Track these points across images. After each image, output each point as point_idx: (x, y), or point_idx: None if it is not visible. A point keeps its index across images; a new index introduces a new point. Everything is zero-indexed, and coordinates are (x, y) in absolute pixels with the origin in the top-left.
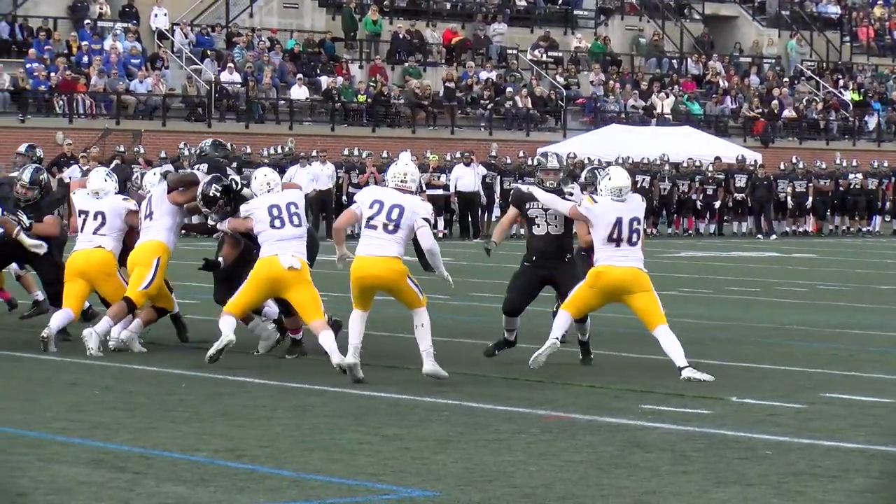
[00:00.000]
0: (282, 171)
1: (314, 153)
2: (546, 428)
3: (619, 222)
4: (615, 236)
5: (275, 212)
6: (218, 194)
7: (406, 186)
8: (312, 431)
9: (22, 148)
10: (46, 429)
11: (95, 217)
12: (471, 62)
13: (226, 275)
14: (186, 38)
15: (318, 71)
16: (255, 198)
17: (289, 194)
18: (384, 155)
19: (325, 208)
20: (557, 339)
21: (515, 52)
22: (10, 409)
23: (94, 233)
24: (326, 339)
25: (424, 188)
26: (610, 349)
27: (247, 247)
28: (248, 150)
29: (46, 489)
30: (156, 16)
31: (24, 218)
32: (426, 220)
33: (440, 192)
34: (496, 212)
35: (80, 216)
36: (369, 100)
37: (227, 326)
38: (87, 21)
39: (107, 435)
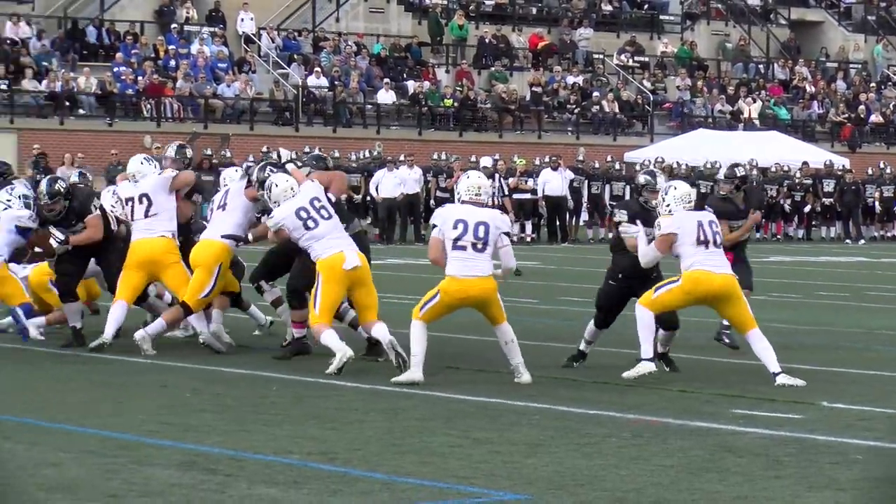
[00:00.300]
0: (369, 175)
1: (401, 157)
2: (637, 432)
3: (699, 225)
4: (702, 238)
5: (303, 214)
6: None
7: (480, 199)
8: (404, 434)
9: (170, 151)
10: (138, 431)
11: (141, 201)
12: (557, 66)
13: (274, 261)
14: (273, 42)
15: (405, 75)
16: (279, 206)
17: (307, 191)
18: (472, 159)
19: (412, 212)
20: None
21: (601, 56)
22: (101, 412)
23: (146, 217)
24: (380, 331)
25: (507, 192)
26: (700, 354)
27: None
28: (336, 155)
29: (139, 491)
30: (242, 20)
31: (57, 233)
32: (507, 234)
33: (527, 196)
34: (583, 216)
35: (127, 205)
36: (456, 104)
37: (335, 339)
38: (173, 25)
39: (198, 437)
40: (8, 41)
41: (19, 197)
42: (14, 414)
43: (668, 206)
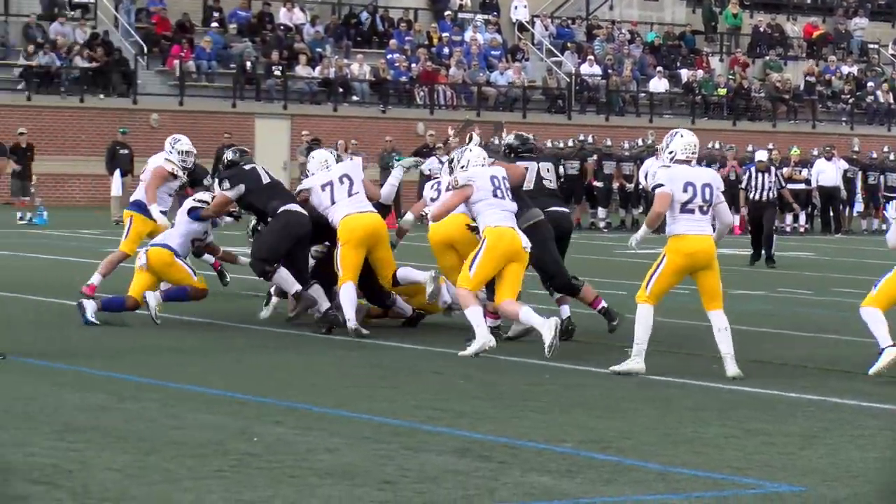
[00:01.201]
0: (640, 164)
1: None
2: None
3: None
4: None
5: (495, 182)
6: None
7: (694, 157)
8: (677, 424)
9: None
10: (412, 417)
11: (342, 181)
12: (832, 56)
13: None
14: (546, 29)
15: (678, 64)
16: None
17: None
18: (749, 149)
19: None
20: None
21: (876, 46)
22: (376, 398)
23: (350, 196)
24: (528, 315)
25: (783, 184)
26: None
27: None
28: (609, 143)
29: (414, 477)
30: (516, 7)
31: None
32: (722, 192)
33: (801, 186)
34: (857, 207)
35: (324, 190)
36: (729, 93)
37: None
38: (447, 12)
39: (472, 424)
40: (282, 27)
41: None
42: (287, 399)
43: None
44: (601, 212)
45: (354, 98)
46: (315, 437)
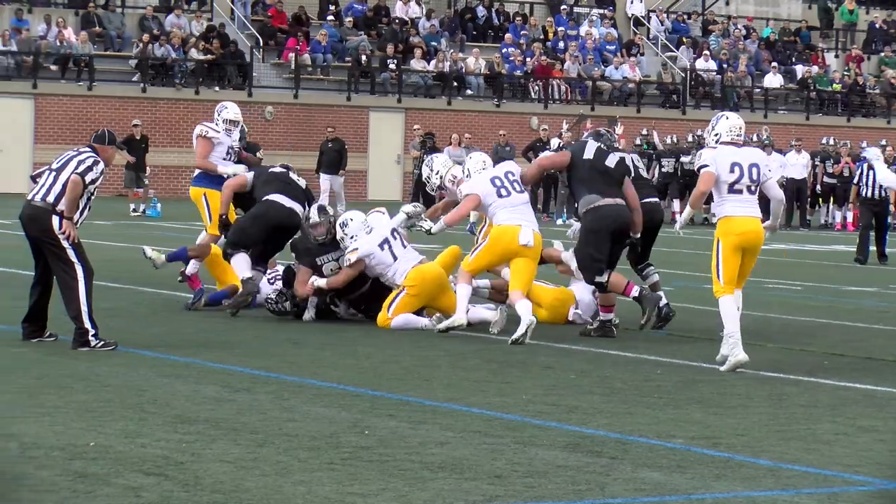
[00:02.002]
0: None
1: (792, 142)
2: None
3: None
4: None
5: (497, 182)
6: None
7: (740, 140)
8: (789, 421)
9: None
10: (523, 412)
11: (394, 236)
12: None
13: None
14: (662, 25)
15: (794, 59)
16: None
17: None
18: (862, 144)
19: (799, 196)
20: None
21: None
22: (487, 392)
23: (405, 248)
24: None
25: None
26: None
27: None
28: None
29: (523, 471)
30: (632, 2)
31: None
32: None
33: None
34: None
35: (382, 249)
36: (844, 89)
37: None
38: (563, 7)
39: (583, 419)
40: (397, 21)
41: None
42: (400, 392)
43: None
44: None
45: (469, 92)
46: (427, 431)
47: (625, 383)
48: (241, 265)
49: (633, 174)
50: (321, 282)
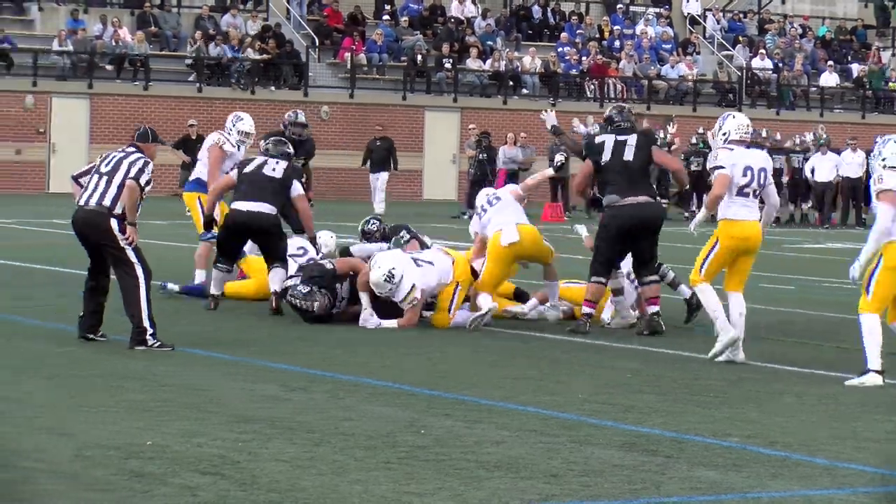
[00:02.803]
0: (805, 159)
1: (848, 141)
2: None
3: None
4: None
5: (479, 211)
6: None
7: (748, 137)
8: (844, 420)
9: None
10: (579, 411)
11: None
12: None
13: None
14: (718, 23)
15: (849, 58)
16: None
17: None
18: None
19: (855, 195)
20: None
21: None
22: (542, 391)
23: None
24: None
25: None
26: None
27: None
28: (778, 137)
29: (579, 470)
30: (688, 1)
31: None
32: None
33: None
34: None
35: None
36: None
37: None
38: (619, 6)
39: (638, 418)
40: (453, 20)
41: None
42: (455, 392)
43: None
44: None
45: (524, 91)
46: (483, 430)
47: (676, 382)
48: (216, 280)
49: (650, 153)
50: (391, 323)
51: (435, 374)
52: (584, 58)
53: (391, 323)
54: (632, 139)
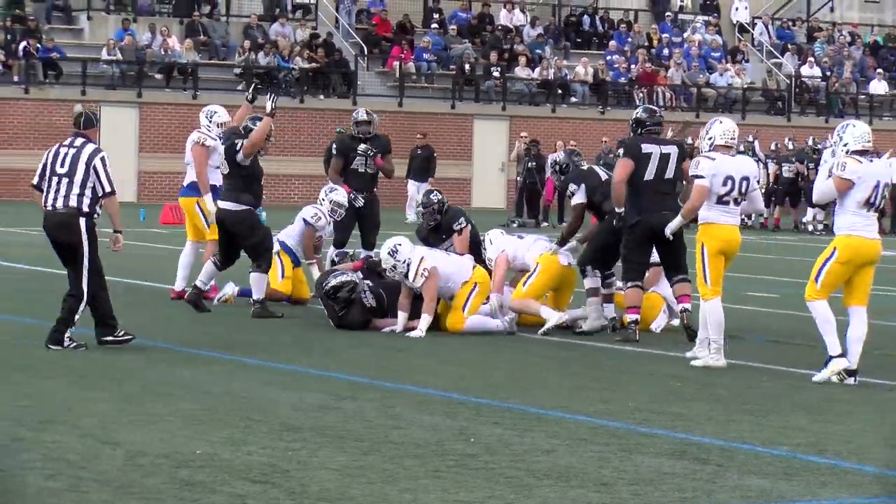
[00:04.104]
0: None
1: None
2: None
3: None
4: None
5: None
6: None
7: (734, 143)
8: (894, 428)
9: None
10: (629, 419)
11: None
12: None
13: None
14: (767, 31)
15: None
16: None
17: None
18: None
19: None
20: None
21: None
22: (592, 399)
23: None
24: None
25: None
26: None
27: None
28: (828, 145)
29: (629, 479)
30: (736, 9)
31: None
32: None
33: None
34: None
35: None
36: None
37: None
38: (667, 13)
39: (689, 426)
40: (501, 28)
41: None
42: (505, 400)
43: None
44: (818, 213)
45: (573, 99)
46: (533, 438)
47: (728, 390)
48: (207, 274)
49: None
50: (418, 333)
51: (484, 382)
52: (632, 66)
53: (418, 333)
54: (673, 152)
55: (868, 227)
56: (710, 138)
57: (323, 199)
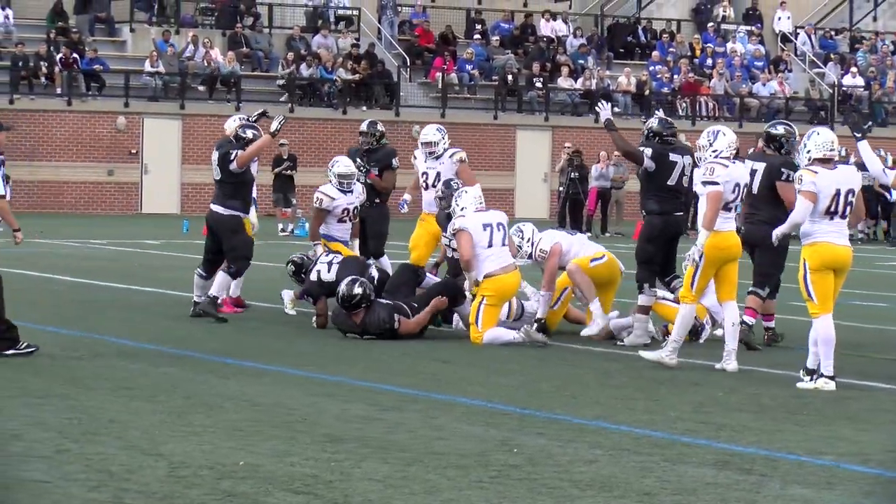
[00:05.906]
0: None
1: None
2: None
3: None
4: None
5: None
6: None
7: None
8: None
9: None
10: (671, 429)
11: (498, 228)
12: None
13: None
14: (810, 41)
15: None
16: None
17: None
18: None
19: None
20: None
21: None
22: (635, 410)
23: (503, 246)
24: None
25: None
26: None
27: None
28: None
29: (672, 489)
30: (779, 19)
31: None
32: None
33: None
34: None
35: (484, 230)
36: None
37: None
38: (710, 24)
39: (732, 436)
40: (544, 39)
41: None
42: (548, 410)
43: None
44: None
45: (616, 109)
46: (575, 449)
47: (773, 400)
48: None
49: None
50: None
51: (527, 393)
52: (675, 76)
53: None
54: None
55: (833, 234)
56: (714, 151)
57: (330, 179)
